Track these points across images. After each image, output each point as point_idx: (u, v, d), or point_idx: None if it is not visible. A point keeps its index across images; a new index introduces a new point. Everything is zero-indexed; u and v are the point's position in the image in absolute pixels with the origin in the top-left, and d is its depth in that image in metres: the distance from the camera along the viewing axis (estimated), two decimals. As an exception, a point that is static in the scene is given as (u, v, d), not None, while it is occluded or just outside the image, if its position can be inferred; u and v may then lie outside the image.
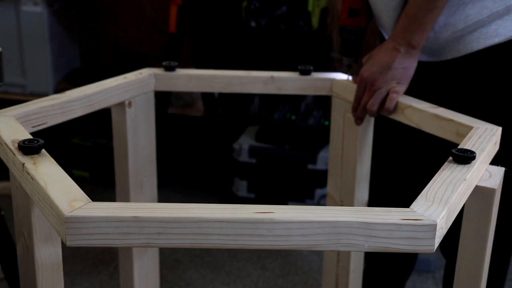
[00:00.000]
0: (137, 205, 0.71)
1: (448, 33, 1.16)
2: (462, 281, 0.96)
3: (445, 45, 1.18)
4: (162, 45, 2.88)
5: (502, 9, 1.12)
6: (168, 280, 2.10)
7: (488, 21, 1.13)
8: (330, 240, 0.69)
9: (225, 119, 2.72)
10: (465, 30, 1.15)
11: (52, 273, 0.92)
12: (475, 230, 0.93)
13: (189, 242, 0.69)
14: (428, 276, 2.14)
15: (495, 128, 0.99)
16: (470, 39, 1.15)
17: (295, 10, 2.43)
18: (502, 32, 1.13)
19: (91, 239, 0.69)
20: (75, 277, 2.09)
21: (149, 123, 1.28)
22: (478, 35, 1.14)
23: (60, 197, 0.72)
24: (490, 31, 1.13)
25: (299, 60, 2.41)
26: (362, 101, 1.18)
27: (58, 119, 1.06)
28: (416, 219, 0.69)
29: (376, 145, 1.29)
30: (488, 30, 1.14)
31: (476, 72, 1.19)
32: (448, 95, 1.22)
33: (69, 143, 2.78)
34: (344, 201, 1.31)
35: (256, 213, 0.69)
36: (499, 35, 1.13)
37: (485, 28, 1.14)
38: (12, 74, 2.71)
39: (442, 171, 0.82)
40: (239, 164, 2.50)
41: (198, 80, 1.28)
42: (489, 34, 1.14)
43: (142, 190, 1.29)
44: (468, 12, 1.13)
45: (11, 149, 0.85)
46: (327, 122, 2.51)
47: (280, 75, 1.28)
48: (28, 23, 2.66)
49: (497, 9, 1.12)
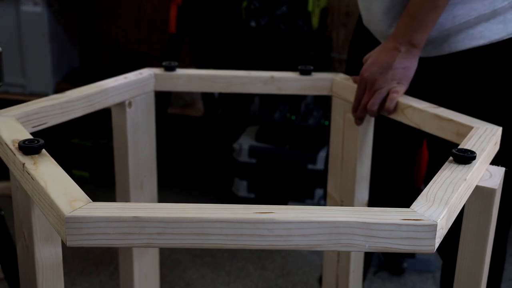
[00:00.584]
0: (137, 205, 0.71)
1: (434, 32, 1.17)
2: (462, 281, 0.96)
3: (430, 42, 1.19)
4: (162, 45, 2.88)
5: (489, 12, 1.14)
6: (168, 280, 2.10)
7: (475, 23, 1.14)
8: (330, 240, 0.69)
9: (225, 119, 2.72)
10: (451, 30, 1.16)
11: (52, 273, 0.92)
12: (475, 230, 0.93)
13: (189, 242, 0.69)
14: (428, 276, 2.14)
15: (495, 128, 0.99)
16: (455, 39, 1.17)
17: (295, 10, 2.43)
18: (487, 34, 1.15)
19: (92, 239, 0.69)
20: (75, 277, 2.09)
21: (149, 123, 1.28)
22: (463, 36, 1.16)
23: (61, 197, 0.72)
24: (475, 33, 1.15)
25: (299, 60, 2.41)
26: (362, 101, 1.18)
27: (58, 119, 1.06)
28: (417, 219, 0.69)
29: (376, 145, 1.29)
30: (473, 32, 1.15)
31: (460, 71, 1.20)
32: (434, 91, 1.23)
33: (69, 143, 2.78)
34: (344, 201, 1.31)
35: (256, 213, 0.69)
36: (484, 37, 1.15)
37: (470, 30, 1.15)
38: (12, 74, 2.71)
39: (442, 171, 0.82)
40: (239, 164, 2.50)
41: (198, 80, 1.28)
42: (474, 36, 1.15)
43: (142, 190, 1.29)
44: (457, 13, 1.14)
45: (11, 149, 0.85)
46: (327, 122, 2.51)
47: (280, 75, 1.28)
48: (28, 23, 2.66)
49: (485, 12, 1.13)
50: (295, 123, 2.44)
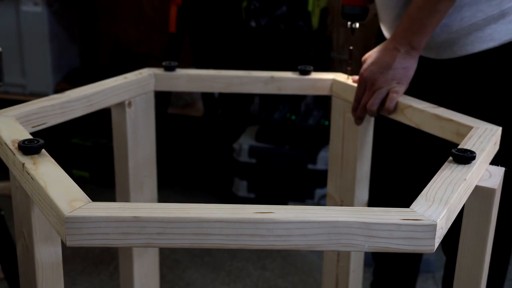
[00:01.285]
0: (137, 205, 0.71)
1: (443, 34, 1.17)
2: (462, 281, 0.96)
3: (440, 45, 1.19)
4: (162, 45, 2.87)
5: (497, 13, 1.13)
6: (168, 280, 2.10)
7: (483, 25, 1.14)
8: (330, 240, 0.69)
9: (225, 119, 2.72)
10: (460, 32, 1.16)
11: (52, 273, 0.92)
12: (475, 230, 0.93)
13: (189, 242, 0.69)
14: (428, 276, 2.14)
15: (495, 128, 0.99)
16: (465, 42, 1.16)
17: (295, 10, 2.42)
18: (497, 36, 1.14)
19: (91, 239, 0.69)
20: (75, 277, 2.09)
21: (149, 123, 1.28)
22: (473, 39, 1.16)
23: (60, 197, 0.72)
24: (485, 35, 1.15)
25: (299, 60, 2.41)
26: (362, 101, 1.18)
27: (58, 119, 1.06)
28: (416, 219, 0.69)
29: (376, 145, 1.29)
30: (483, 34, 1.15)
31: (471, 73, 1.20)
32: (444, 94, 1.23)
33: (69, 143, 2.78)
34: (344, 201, 1.31)
35: (256, 213, 0.69)
36: (494, 39, 1.15)
37: (480, 32, 1.15)
38: (12, 74, 2.71)
39: (442, 171, 0.82)
40: (239, 164, 2.50)
41: (198, 80, 1.28)
42: (484, 38, 1.15)
43: (142, 190, 1.29)
44: (464, 15, 1.14)
45: (11, 149, 0.85)
46: (327, 122, 2.51)
47: (280, 75, 1.28)
48: (28, 23, 2.66)
49: (492, 13, 1.13)
50: (295, 123, 2.44)
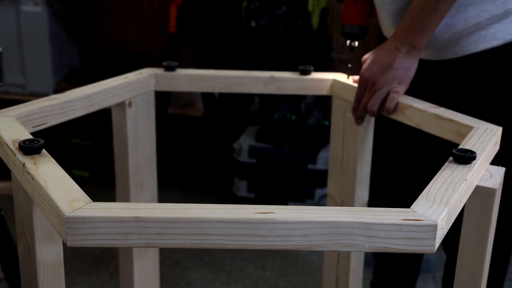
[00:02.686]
0: (138, 205, 0.71)
1: (446, 34, 1.16)
2: (462, 280, 0.96)
3: (442, 45, 1.18)
4: (162, 45, 2.87)
5: (501, 12, 1.12)
6: (168, 280, 2.10)
7: (487, 24, 1.13)
8: (330, 240, 0.69)
9: (225, 119, 2.72)
10: (464, 32, 1.15)
11: (53, 273, 0.92)
12: (475, 230, 0.93)
13: (190, 242, 0.69)
14: (428, 276, 2.14)
15: (495, 128, 0.99)
16: (467, 41, 1.16)
17: (295, 10, 2.42)
18: (500, 35, 1.14)
19: (92, 239, 0.69)
20: (75, 277, 2.09)
21: (149, 123, 1.28)
22: (476, 38, 1.15)
23: (61, 197, 0.72)
24: (488, 34, 1.14)
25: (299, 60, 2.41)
26: (362, 101, 1.18)
27: (58, 119, 1.06)
28: (417, 219, 0.69)
29: (376, 145, 1.29)
30: (486, 33, 1.14)
31: (474, 73, 1.19)
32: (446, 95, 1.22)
33: (69, 143, 2.78)
34: (344, 201, 1.31)
35: (256, 213, 0.69)
36: (497, 38, 1.14)
37: (483, 31, 1.14)
38: (12, 74, 2.71)
39: (443, 171, 0.82)
40: (239, 164, 2.50)
41: (198, 80, 1.28)
42: (487, 37, 1.14)
43: (142, 190, 1.29)
44: (468, 14, 1.13)
45: (12, 149, 0.85)
46: (327, 122, 2.51)
47: (280, 75, 1.28)
48: (28, 23, 2.66)
49: (497, 13, 1.12)
50: (295, 123, 2.44)
